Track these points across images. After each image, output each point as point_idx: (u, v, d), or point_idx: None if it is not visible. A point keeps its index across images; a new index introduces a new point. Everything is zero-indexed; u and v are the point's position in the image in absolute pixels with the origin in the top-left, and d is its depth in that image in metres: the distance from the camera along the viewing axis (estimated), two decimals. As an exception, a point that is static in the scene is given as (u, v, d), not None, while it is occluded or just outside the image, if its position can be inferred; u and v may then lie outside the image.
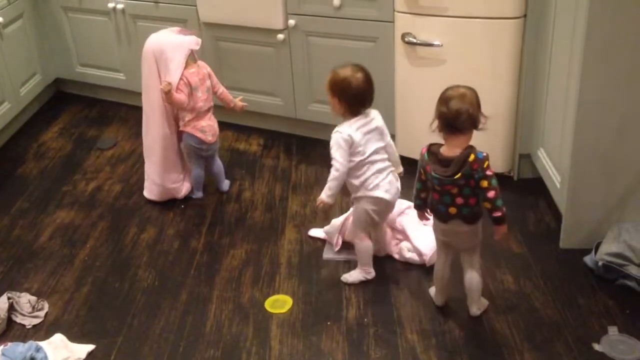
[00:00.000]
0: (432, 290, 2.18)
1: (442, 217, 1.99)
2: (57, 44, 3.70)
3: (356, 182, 2.17)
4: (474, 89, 1.95)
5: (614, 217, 2.30)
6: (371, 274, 2.28)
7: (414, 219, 2.28)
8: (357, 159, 2.13)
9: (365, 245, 2.24)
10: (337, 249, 2.43)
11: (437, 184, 1.93)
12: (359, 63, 2.19)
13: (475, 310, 2.10)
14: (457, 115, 1.86)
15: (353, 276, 2.29)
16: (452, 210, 1.95)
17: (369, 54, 2.88)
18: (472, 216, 1.96)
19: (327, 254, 2.43)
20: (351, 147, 2.12)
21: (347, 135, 2.11)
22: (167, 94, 2.54)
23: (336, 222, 2.45)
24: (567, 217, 2.34)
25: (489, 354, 1.97)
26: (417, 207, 2.11)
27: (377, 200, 2.17)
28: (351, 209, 2.31)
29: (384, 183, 2.17)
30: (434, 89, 2.74)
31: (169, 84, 2.55)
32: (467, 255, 2.04)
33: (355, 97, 2.12)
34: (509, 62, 2.59)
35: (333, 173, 2.13)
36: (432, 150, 1.94)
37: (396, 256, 2.37)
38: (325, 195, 2.15)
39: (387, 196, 2.17)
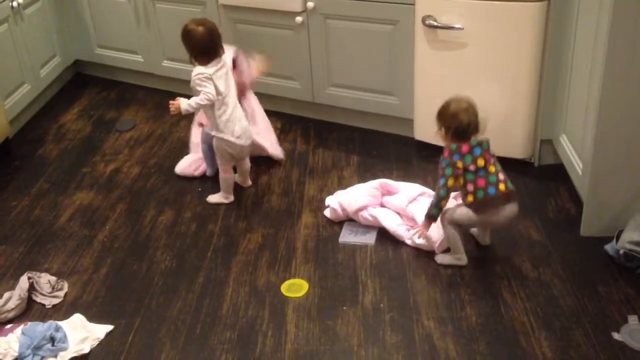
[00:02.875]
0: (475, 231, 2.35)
1: (498, 201, 2.12)
2: (76, 25, 3.71)
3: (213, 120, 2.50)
4: (471, 99, 2.15)
5: (636, 205, 2.26)
6: (229, 199, 2.66)
7: (424, 206, 2.28)
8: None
9: (226, 177, 2.63)
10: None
11: (478, 154, 2.11)
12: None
13: (488, 239, 2.32)
14: (468, 126, 2.11)
15: (214, 198, 2.68)
16: (503, 187, 2.13)
17: (388, 37, 2.85)
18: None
19: (344, 238, 2.42)
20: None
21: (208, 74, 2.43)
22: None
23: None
24: (588, 204, 2.31)
25: (506, 342, 1.96)
26: (432, 218, 2.20)
27: (230, 143, 2.52)
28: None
29: (237, 128, 2.49)
30: (454, 73, 2.73)
31: None
32: None
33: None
34: (531, 46, 2.54)
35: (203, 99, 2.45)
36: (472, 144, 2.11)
37: (408, 242, 2.36)
38: (186, 103, 2.48)
39: (238, 141, 2.53)
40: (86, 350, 2.00)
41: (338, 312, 2.10)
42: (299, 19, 2.99)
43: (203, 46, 2.45)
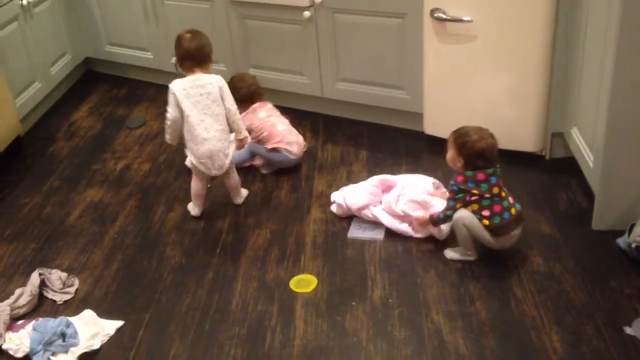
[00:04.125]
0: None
1: (506, 226, 2.13)
2: (86, 23, 3.73)
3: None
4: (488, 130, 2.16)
5: (649, 198, 2.23)
6: (195, 210, 2.59)
7: (412, 200, 2.34)
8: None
9: (192, 185, 2.57)
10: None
11: (496, 182, 2.12)
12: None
13: None
14: (489, 162, 2.13)
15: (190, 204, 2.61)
16: (515, 211, 2.14)
17: (397, 30, 2.83)
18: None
19: (353, 233, 2.42)
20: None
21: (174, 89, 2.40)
22: None
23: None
24: (600, 197, 2.28)
25: (516, 337, 1.94)
26: (436, 224, 2.25)
27: (193, 163, 2.48)
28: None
29: (202, 151, 2.42)
30: (464, 66, 2.71)
31: None
32: None
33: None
34: (541, 39, 2.51)
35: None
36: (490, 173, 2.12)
37: (415, 235, 2.35)
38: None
39: (199, 165, 2.46)
40: (97, 345, 2.01)
41: (347, 307, 2.10)
42: (306, 13, 2.98)
43: (185, 52, 2.44)
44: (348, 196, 2.50)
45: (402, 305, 2.09)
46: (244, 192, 2.68)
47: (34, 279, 2.23)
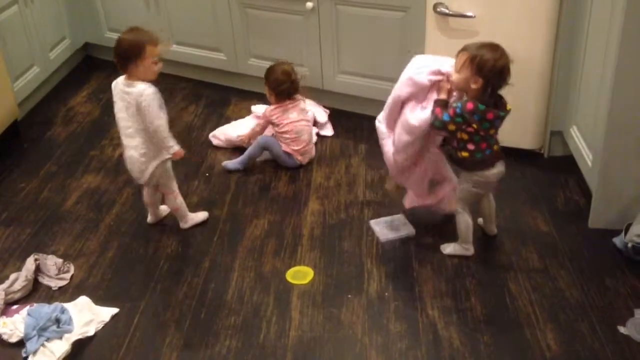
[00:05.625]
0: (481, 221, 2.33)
1: (492, 161, 2.10)
2: (86, 8, 3.70)
3: None
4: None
5: (647, 198, 2.24)
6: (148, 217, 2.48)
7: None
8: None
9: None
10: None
11: (498, 125, 2.06)
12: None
13: (494, 228, 2.30)
14: (502, 87, 2.03)
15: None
16: (497, 147, 2.11)
17: (399, 24, 2.82)
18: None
19: (384, 236, 2.35)
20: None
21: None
22: None
23: None
24: (597, 196, 2.29)
25: (510, 333, 1.95)
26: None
27: None
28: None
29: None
30: (465, 61, 2.70)
31: None
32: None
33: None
34: (544, 36, 2.51)
35: None
36: (481, 100, 2.00)
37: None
38: None
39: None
40: (91, 332, 2.01)
41: (343, 299, 2.10)
42: (309, 4, 2.97)
43: (118, 50, 2.19)
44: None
45: (398, 299, 2.09)
46: (191, 217, 2.46)
47: (29, 264, 2.22)
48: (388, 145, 2.27)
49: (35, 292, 2.19)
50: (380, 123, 2.30)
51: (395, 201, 2.48)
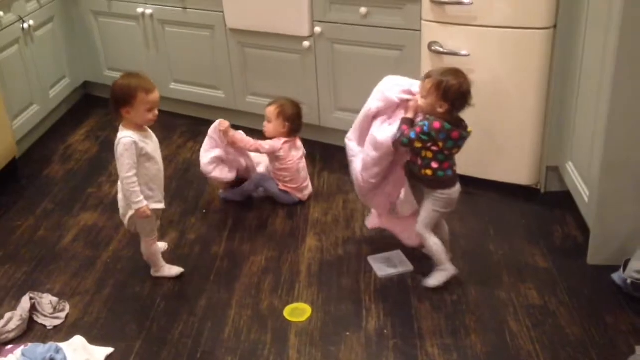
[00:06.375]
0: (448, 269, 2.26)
1: (453, 181, 2.17)
2: (86, 47, 3.75)
3: None
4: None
5: (644, 233, 2.24)
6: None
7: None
8: None
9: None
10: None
11: (461, 145, 2.12)
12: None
13: (449, 252, 2.29)
14: (469, 93, 2.09)
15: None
16: (455, 169, 2.17)
17: (395, 62, 2.86)
18: None
19: (382, 272, 2.34)
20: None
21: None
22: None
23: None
24: (595, 232, 2.29)
25: (511, 371, 1.93)
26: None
27: None
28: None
29: None
30: (460, 98, 2.73)
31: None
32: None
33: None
34: (537, 73, 2.55)
35: None
36: (448, 120, 2.07)
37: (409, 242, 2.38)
38: None
39: None
40: (86, 372, 1.98)
41: (341, 337, 2.08)
42: (306, 43, 3.02)
43: (111, 94, 2.22)
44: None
45: (397, 337, 2.07)
46: (164, 269, 2.40)
47: (25, 303, 2.20)
48: (356, 163, 2.31)
49: (30, 331, 2.16)
50: (350, 140, 2.33)
51: (393, 237, 2.48)
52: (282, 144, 2.76)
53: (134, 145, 2.16)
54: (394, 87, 2.22)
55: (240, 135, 2.77)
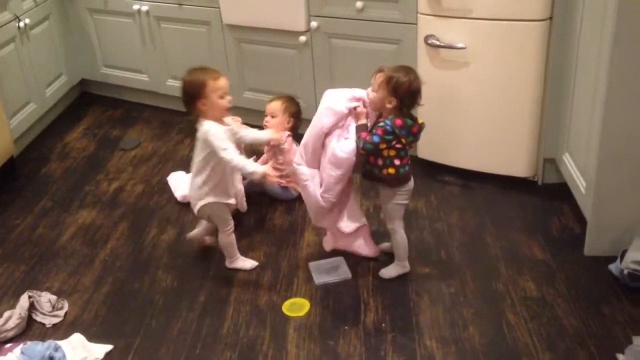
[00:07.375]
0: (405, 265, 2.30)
1: (410, 175, 2.19)
2: (82, 45, 3.75)
3: None
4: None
5: (641, 224, 2.24)
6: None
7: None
8: None
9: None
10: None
11: (418, 138, 2.16)
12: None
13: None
14: (416, 104, 2.12)
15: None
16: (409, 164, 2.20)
17: (391, 56, 2.85)
18: None
19: (320, 279, 2.31)
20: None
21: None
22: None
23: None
24: (592, 223, 2.29)
25: (509, 363, 1.93)
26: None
27: None
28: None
29: None
30: (457, 92, 2.73)
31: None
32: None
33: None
34: (534, 65, 2.55)
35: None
36: (406, 116, 2.10)
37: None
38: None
39: None
40: (85, 370, 1.98)
41: (340, 331, 2.09)
42: (302, 38, 3.01)
43: (182, 93, 2.26)
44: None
45: (395, 330, 2.07)
46: (239, 260, 2.41)
47: (23, 301, 2.20)
48: (312, 187, 2.23)
49: (29, 329, 2.17)
50: (299, 165, 2.26)
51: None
52: (287, 137, 2.77)
53: (220, 128, 2.20)
54: (338, 99, 2.19)
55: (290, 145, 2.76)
